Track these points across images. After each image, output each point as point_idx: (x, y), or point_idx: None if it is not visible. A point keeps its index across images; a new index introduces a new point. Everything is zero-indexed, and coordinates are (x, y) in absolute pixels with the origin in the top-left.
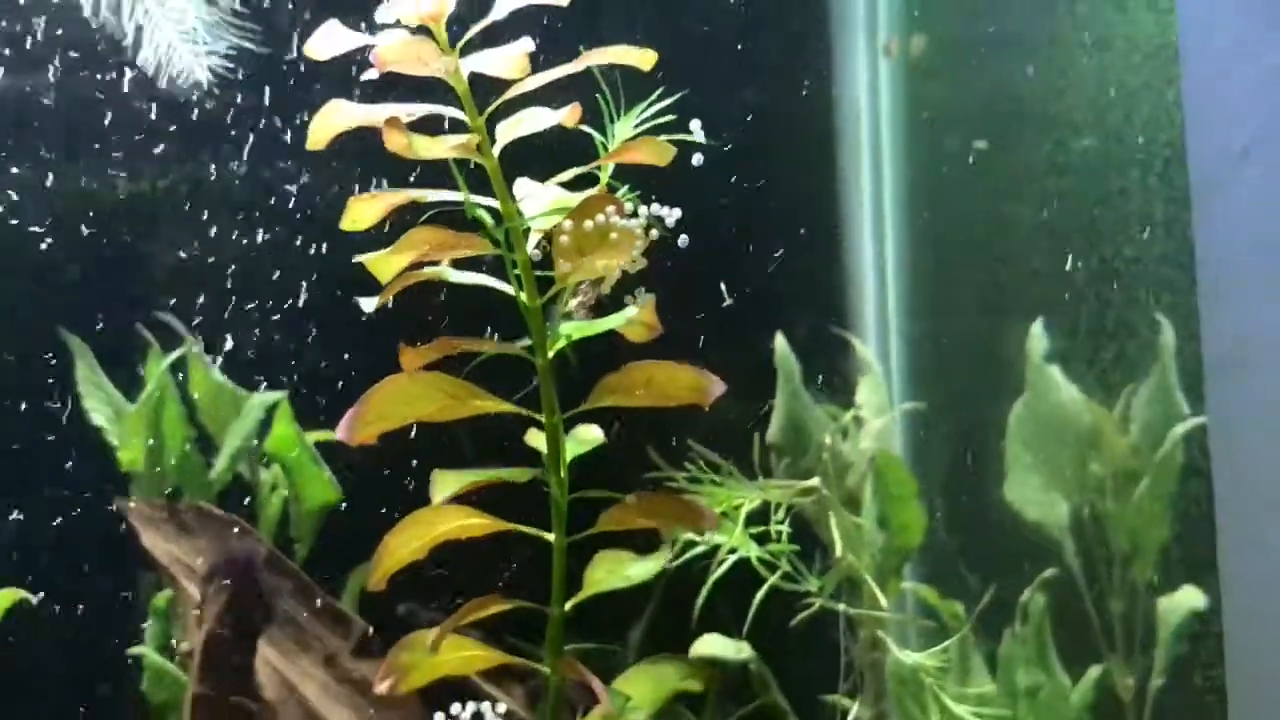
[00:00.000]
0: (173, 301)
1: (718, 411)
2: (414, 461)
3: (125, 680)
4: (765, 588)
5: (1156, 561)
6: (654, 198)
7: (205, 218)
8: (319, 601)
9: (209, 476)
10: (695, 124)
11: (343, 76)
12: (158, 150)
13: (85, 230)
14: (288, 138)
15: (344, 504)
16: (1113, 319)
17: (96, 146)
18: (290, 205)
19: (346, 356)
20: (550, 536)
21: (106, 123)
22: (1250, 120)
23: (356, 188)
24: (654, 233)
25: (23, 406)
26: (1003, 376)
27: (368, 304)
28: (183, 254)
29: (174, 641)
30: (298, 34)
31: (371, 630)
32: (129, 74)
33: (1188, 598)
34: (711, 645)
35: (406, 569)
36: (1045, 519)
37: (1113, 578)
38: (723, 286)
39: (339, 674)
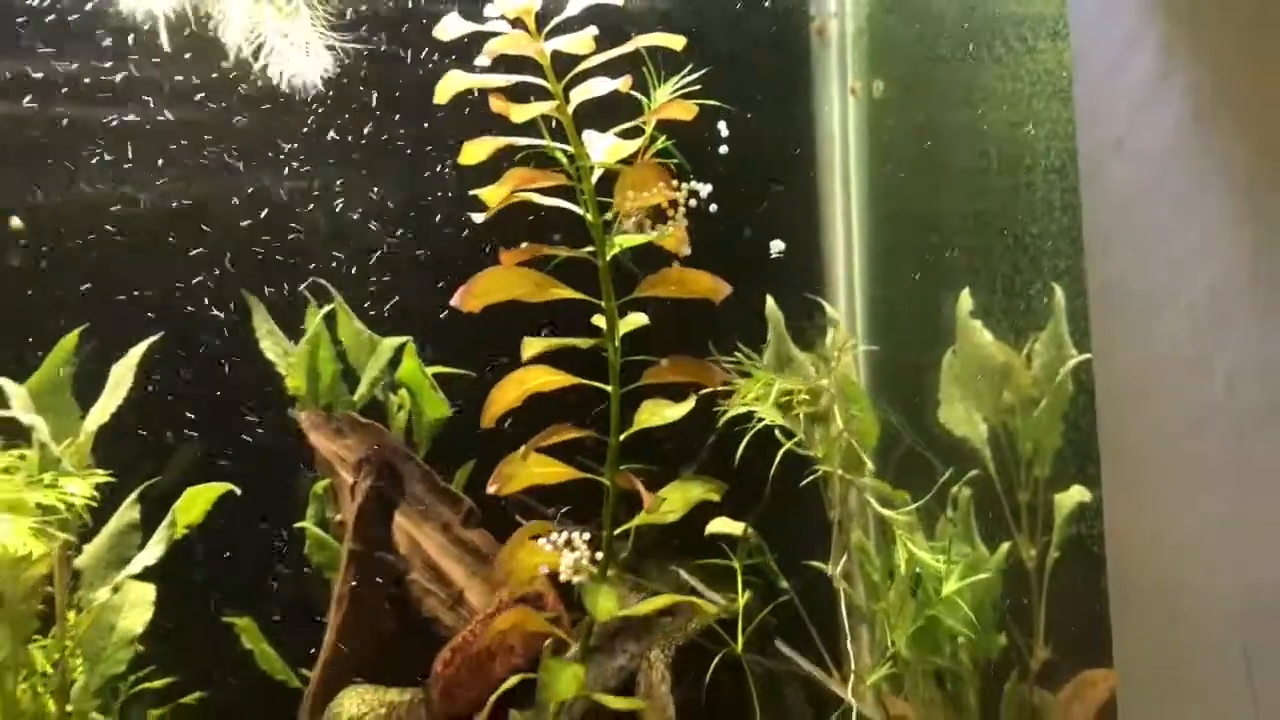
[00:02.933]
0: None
1: (734, 345)
2: None
3: (293, 546)
4: (782, 451)
5: (1051, 464)
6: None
7: (346, 207)
8: (438, 485)
9: (352, 398)
10: (721, 124)
11: None
12: (313, 157)
13: (262, 217)
14: (408, 152)
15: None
16: (1020, 283)
17: (267, 155)
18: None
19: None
20: (609, 388)
21: (266, 137)
22: (1123, 116)
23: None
24: (692, 201)
25: (219, 347)
26: (939, 328)
27: (478, 217)
28: (334, 235)
29: (329, 515)
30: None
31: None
32: (274, 101)
33: (1076, 493)
34: (720, 525)
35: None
36: (970, 434)
37: (1019, 476)
38: (779, 244)
39: (451, 537)
